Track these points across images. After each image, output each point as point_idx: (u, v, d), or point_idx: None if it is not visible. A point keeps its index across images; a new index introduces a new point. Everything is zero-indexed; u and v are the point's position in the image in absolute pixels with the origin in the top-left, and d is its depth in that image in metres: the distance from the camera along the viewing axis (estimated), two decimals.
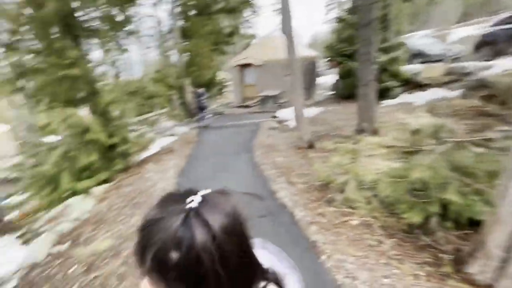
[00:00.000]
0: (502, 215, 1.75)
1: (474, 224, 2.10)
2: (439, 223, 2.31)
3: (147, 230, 0.45)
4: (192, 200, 0.44)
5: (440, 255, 2.14)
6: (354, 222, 2.81)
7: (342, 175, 3.43)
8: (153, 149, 7.15)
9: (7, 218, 5.68)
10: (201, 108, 9.16)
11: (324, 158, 4.38)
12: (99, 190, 4.78)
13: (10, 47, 5.35)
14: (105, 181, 5.19)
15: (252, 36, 18.42)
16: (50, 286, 2.51)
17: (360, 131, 4.86)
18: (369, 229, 2.67)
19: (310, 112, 7.99)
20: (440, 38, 12.42)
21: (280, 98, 11.11)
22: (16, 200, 7.65)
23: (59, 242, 3.31)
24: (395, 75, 8.59)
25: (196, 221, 0.42)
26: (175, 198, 0.49)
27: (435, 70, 8.74)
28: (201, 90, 9.15)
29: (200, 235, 0.40)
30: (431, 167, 2.54)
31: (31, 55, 5.37)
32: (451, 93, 6.76)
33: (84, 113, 5.57)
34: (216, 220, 0.42)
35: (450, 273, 1.97)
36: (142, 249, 0.45)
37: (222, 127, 8.68)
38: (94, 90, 5.45)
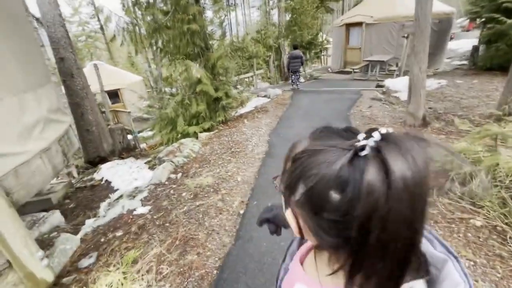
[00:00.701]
0: None
1: None
2: None
3: (303, 160, 0.39)
4: (370, 137, 0.35)
5: None
6: (478, 223, 2.26)
7: (469, 164, 2.75)
8: (248, 107, 7.59)
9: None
10: (295, 71, 8.78)
11: (443, 140, 3.59)
12: (203, 136, 5.53)
13: (149, 7, 6.40)
14: (208, 130, 5.95)
15: None
16: (168, 202, 3.19)
17: (508, 113, 3.66)
18: (499, 237, 2.10)
19: (431, 84, 6.56)
20: None
21: (390, 65, 9.50)
22: (146, 135, 9.81)
23: (175, 171, 4.09)
24: None
25: (372, 162, 0.32)
26: (336, 132, 0.43)
27: None
28: (297, 52, 8.63)
29: (374, 180, 0.31)
30: None
31: (162, 15, 6.29)
32: None
33: (196, 67, 6.30)
34: (399, 166, 0.31)
35: None
36: (295, 180, 0.40)
37: (317, 92, 8.25)
38: (206, 45, 6.01)
